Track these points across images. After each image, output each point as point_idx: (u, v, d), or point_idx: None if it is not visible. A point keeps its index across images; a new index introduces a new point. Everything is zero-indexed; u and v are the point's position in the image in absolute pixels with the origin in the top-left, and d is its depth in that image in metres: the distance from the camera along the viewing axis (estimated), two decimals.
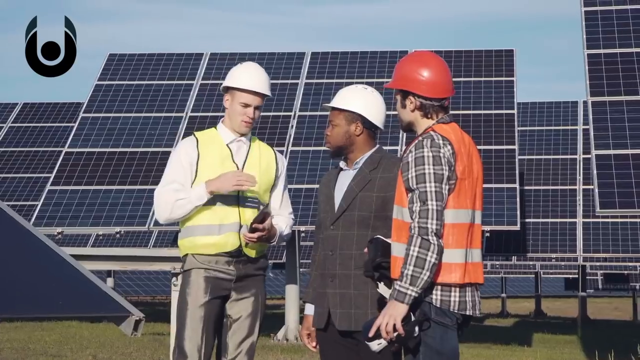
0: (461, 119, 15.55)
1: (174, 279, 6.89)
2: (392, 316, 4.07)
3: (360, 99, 4.89)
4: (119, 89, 17.21)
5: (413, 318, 4.10)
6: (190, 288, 5.17)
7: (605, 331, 18.82)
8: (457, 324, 4.22)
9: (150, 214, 15.15)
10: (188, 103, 16.80)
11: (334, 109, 4.93)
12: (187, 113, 16.64)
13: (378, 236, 4.45)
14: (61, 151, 17.08)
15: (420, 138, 4.23)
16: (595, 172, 9.21)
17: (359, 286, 4.69)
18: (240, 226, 5.16)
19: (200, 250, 5.18)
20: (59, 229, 14.93)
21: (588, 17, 10.61)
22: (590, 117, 9.77)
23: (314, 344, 4.87)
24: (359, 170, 4.85)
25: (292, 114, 16.28)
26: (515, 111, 16.14)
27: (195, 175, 5.22)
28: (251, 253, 5.20)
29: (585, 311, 23.94)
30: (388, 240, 4.36)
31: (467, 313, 4.21)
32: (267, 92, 5.28)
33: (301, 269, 16.69)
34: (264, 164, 5.30)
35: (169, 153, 16.07)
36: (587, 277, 28.79)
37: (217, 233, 5.16)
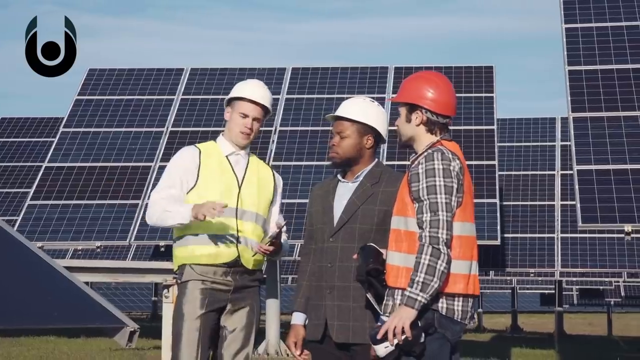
0: None
1: (165, 290, 6.87)
2: (402, 319, 4.10)
3: (374, 112, 4.84)
4: (99, 103, 17.19)
5: (419, 325, 4.15)
6: (187, 300, 5.17)
7: (582, 346, 18.89)
8: (458, 338, 4.28)
9: (131, 228, 15.13)
10: (169, 118, 16.81)
11: (345, 119, 4.83)
12: (167, 128, 16.64)
13: (370, 244, 4.47)
14: (41, 166, 17.04)
15: (429, 151, 4.30)
16: (577, 187, 9.29)
17: (357, 298, 4.62)
18: (237, 238, 5.16)
19: (197, 261, 5.17)
20: (39, 244, 14.86)
21: (569, 34, 10.71)
22: (572, 132, 9.84)
23: (298, 352, 4.80)
24: (360, 184, 4.78)
25: (273, 129, 16.31)
26: (495, 127, 16.23)
27: (196, 183, 5.22)
28: (249, 264, 5.20)
29: (561, 326, 24.00)
30: (380, 249, 4.42)
31: (465, 322, 4.28)
32: (267, 105, 5.30)
33: (281, 284, 16.67)
34: (262, 180, 5.33)
35: (149, 168, 16.11)
36: (563, 293, 28.86)
37: (213, 244, 5.15)
